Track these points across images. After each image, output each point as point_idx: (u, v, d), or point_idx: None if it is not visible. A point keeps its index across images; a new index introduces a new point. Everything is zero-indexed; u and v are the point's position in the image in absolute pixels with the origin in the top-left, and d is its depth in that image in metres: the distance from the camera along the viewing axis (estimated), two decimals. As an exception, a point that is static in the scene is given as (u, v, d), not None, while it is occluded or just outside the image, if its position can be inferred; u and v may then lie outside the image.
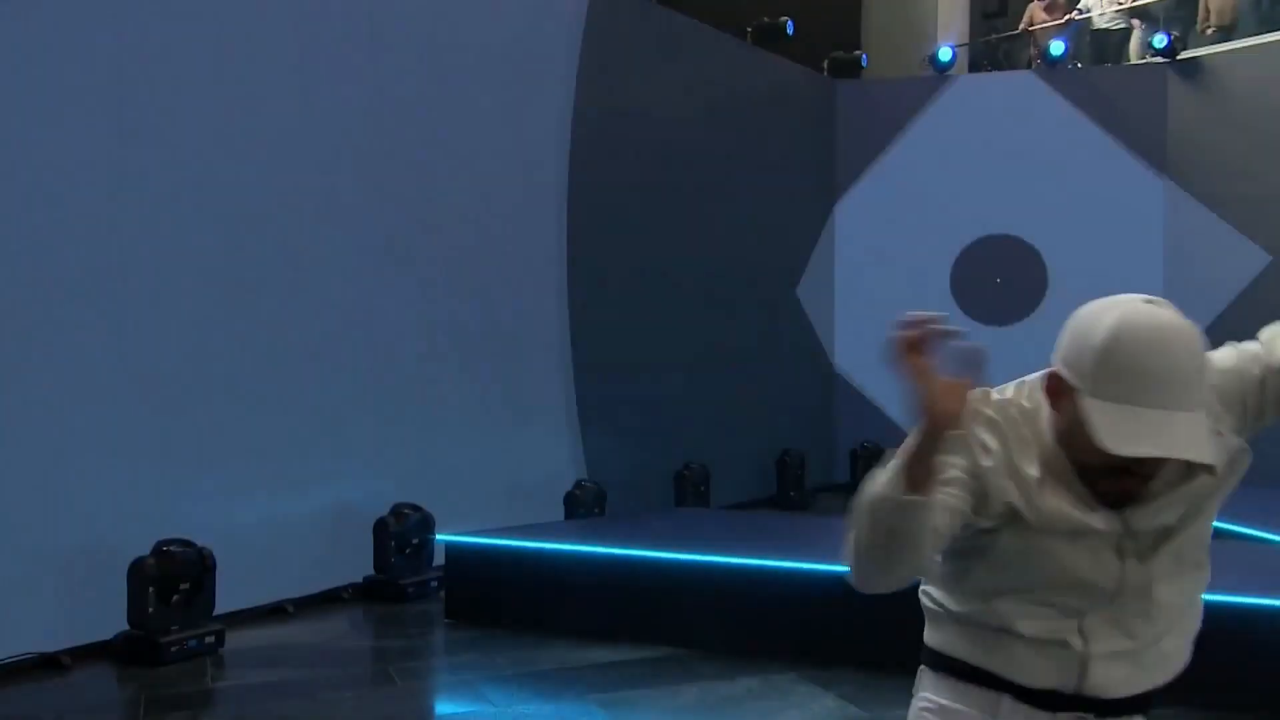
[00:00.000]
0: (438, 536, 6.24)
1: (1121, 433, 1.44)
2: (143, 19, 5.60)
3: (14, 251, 4.96)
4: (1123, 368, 1.45)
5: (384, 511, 6.42)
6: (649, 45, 8.86)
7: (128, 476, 5.30)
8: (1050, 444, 1.62)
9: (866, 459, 10.39)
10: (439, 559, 6.37)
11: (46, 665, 4.86)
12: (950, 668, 1.82)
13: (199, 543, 5.25)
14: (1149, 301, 1.52)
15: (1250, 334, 1.80)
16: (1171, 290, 10.10)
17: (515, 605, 5.78)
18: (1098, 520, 1.59)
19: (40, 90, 5.15)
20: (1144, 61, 10.90)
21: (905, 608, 4.95)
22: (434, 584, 6.42)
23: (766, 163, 10.14)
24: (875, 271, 10.74)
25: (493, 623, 5.74)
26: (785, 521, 8.24)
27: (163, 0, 5.76)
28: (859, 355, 10.78)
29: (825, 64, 10.89)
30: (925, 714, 1.83)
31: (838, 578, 5.00)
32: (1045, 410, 1.64)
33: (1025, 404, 1.68)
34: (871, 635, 4.93)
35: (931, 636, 1.88)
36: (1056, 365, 1.63)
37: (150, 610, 4.98)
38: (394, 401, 6.75)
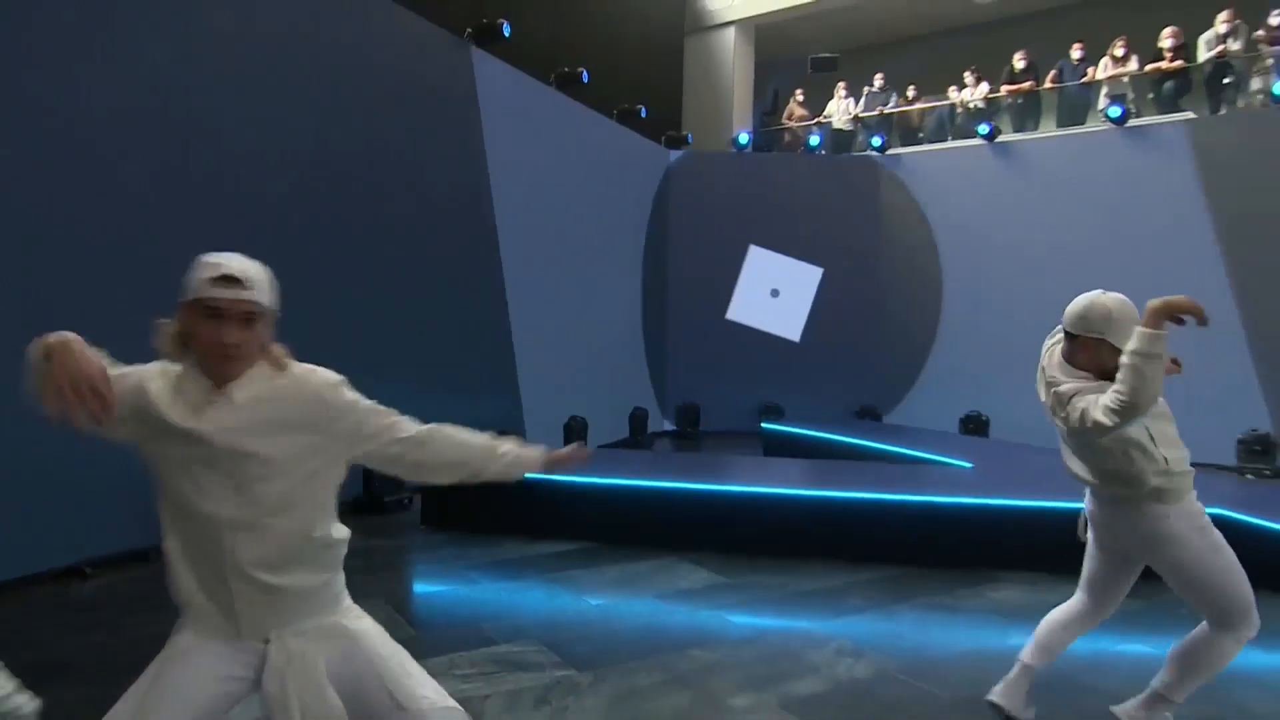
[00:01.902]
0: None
1: None
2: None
3: (84, 250, 4.67)
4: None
5: (370, 447, 6.39)
6: (545, 120, 8.82)
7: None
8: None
9: (685, 412, 10.81)
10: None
11: (135, 560, 4.74)
12: None
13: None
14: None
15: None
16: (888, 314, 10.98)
17: (475, 514, 5.73)
18: None
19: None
20: (865, 154, 11.60)
21: (744, 512, 5.34)
22: (407, 500, 6.36)
23: (628, 203, 10.38)
24: (702, 283, 11.19)
25: (458, 527, 5.73)
26: (648, 455, 8.46)
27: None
28: (686, 339, 11.18)
29: (663, 139, 11.12)
30: None
31: (700, 493, 5.35)
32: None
33: None
34: (729, 530, 5.27)
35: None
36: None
37: None
38: (374, 360, 6.61)
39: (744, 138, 11.68)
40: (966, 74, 11.55)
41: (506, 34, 7.60)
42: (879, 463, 7.02)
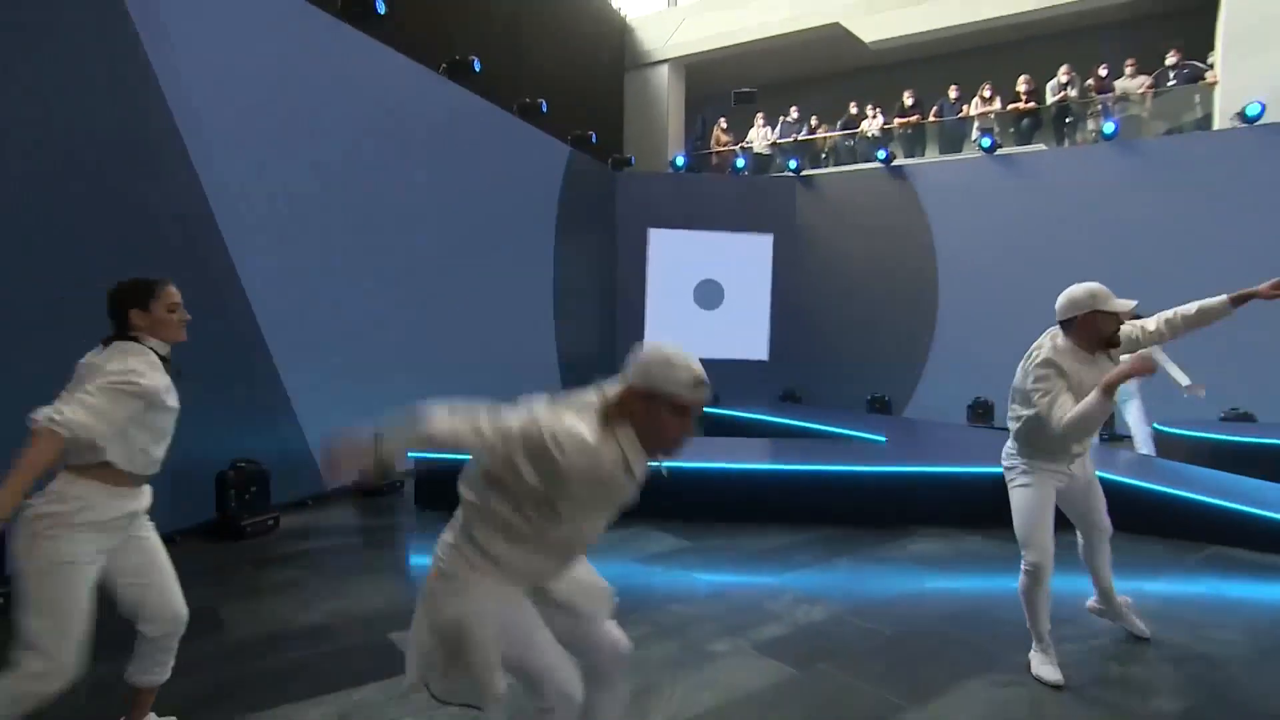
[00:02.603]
0: (409, 454, 5.85)
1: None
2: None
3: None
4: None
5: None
6: (512, 145, 8.67)
7: (217, 422, 4.96)
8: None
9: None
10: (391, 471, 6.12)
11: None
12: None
13: (260, 461, 5.01)
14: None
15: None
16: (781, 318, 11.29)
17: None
18: None
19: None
20: (783, 175, 11.70)
21: (702, 485, 5.45)
22: (399, 485, 6.24)
23: (577, 218, 10.23)
24: (639, 285, 11.24)
25: (449, 506, 5.55)
26: None
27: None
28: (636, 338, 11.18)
29: (609, 161, 11.06)
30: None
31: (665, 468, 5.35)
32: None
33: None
34: (689, 501, 5.25)
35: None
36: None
37: (232, 504, 4.75)
38: (365, 369, 6.47)
39: (680, 160, 11.77)
40: (868, 107, 11.94)
41: (477, 69, 7.50)
42: (808, 439, 7.24)
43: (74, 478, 2.15)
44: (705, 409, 9.07)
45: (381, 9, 6.04)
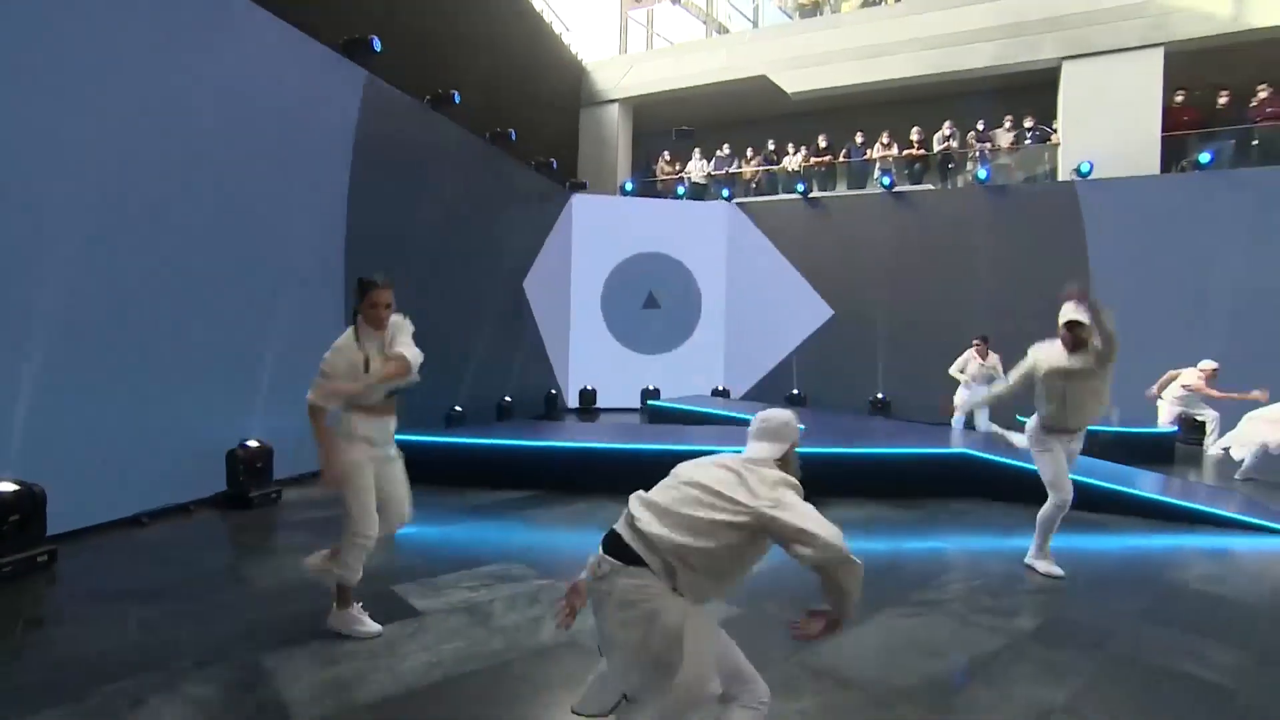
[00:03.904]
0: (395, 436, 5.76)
1: None
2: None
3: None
4: None
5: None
6: (477, 163, 8.61)
7: (231, 405, 4.89)
8: None
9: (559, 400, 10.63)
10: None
11: (180, 511, 4.47)
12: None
13: (265, 441, 4.95)
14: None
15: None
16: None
17: (444, 472, 5.62)
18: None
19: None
20: (718, 200, 12.01)
21: (651, 464, 5.60)
22: None
23: (537, 230, 10.31)
24: (592, 295, 11.37)
25: (431, 483, 5.41)
26: (577, 425, 8.47)
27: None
28: (580, 344, 11.22)
29: (566, 183, 11.13)
30: None
31: (616, 452, 5.56)
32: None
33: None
34: (641, 478, 5.47)
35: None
36: None
37: (241, 478, 4.70)
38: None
39: (629, 185, 11.99)
40: (789, 146, 12.47)
41: (457, 100, 7.55)
42: (736, 426, 7.55)
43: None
44: (651, 403, 9.51)
45: (378, 46, 6.04)
